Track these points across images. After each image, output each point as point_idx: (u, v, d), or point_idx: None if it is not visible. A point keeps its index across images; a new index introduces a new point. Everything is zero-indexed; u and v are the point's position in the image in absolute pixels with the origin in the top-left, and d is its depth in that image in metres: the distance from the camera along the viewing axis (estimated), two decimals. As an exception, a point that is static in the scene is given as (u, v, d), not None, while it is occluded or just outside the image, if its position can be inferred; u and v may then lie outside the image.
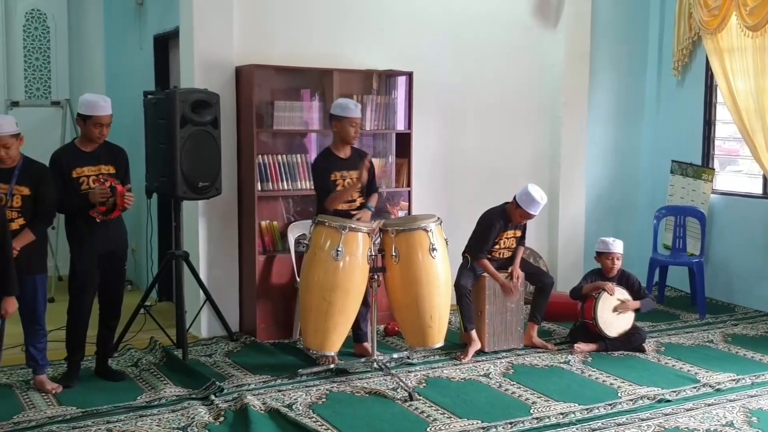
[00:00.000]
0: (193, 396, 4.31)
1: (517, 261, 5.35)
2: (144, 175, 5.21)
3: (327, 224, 4.58)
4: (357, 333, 5.08)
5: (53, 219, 4.49)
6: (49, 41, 7.27)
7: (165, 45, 6.39)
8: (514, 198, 5.22)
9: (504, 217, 5.27)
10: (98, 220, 4.40)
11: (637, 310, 5.30)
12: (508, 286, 5.23)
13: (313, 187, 5.23)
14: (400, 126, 6.02)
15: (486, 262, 5.21)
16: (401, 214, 6.00)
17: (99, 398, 4.28)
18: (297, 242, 5.54)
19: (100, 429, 3.87)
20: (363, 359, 4.89)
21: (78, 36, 7.43)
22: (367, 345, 5.05)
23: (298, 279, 5.32)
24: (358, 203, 5.00)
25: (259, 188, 5.49)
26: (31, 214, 4.23)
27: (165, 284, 6.22)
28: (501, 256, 5.33)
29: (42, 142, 5.73)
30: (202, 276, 5.39)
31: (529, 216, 5.22)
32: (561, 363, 5.05)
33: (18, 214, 4.17)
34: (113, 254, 4.56)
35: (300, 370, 4.72)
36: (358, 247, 4.55)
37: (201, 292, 5.34)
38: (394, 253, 4.62)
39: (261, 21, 5.62)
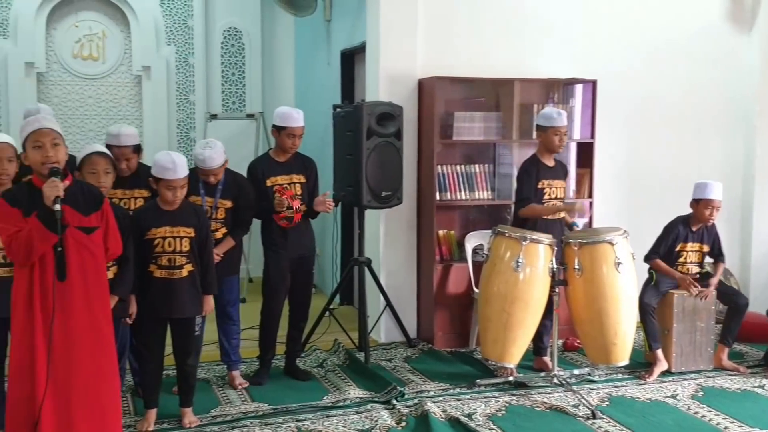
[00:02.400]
0: (376, 399, 4.43)
1: (716, 278, 5.09)
2: (332, 184, 5.43)
3: (507, 234, 4.57)
4: (537, 346, 5.02)
5: (250, 226, 4.78)
6: (244, 57, 7.74)
7: (351, 60, 6.64)
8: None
9: (686, 224, 5.05)
10: (283, 226, 4.63)
11: None
12: (685, 279, 4.99)
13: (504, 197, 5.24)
14: (578, 135, 5.92)
15: (658, 261, 5.02)
16: (580, 225, 5.89)
17: (288, 396, 4.50)
18: (474, 252, 5.57)
19: (289, 426, 4.07)
20: (543, 373, 4.83)
21: (270, 52, 7.87)
22: (547, 359, 4.98)
23: (475, 289, 5.35)
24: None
25: (438, 198, 5.57)
26: (232, 223, 4.53)
27: (346, 289, 6.44)
28: (688, 271, 5.08)
29: (237, 152, 6.12)
30: (382, 282, 5.54)
31: (711, 203, 4.97)
32: (755, 387, 4.75)
33: (221, 225, 4.47)
34: (303, 259, 4.79)
35: (479, 380, 4.73)
36: (539, 259, 4.51)
37: (381, 297, 5.50)
38: (577, 267, 4.53)
39: (444, 34, 5.70)
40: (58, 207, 3.08)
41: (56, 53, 7.25)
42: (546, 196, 4.89)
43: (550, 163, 4.97)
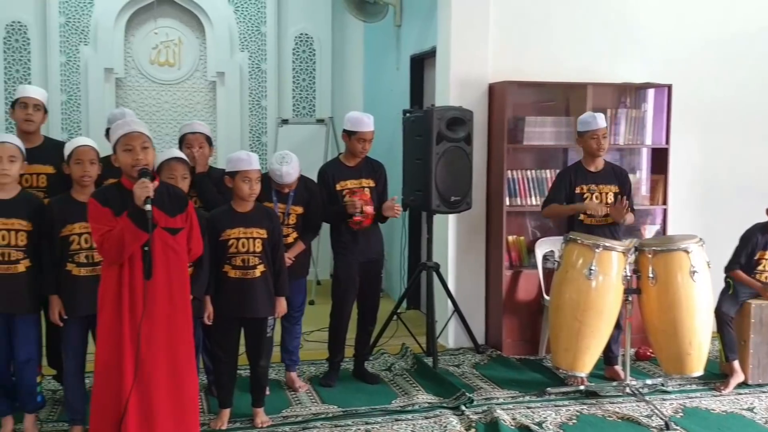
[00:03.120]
0: (444, 405, 4.42)
1: None
2: (401, 189, 5.45)
3: (580, 242, 4.51)
4: (608, 355, 4.94)
5: (319, 230, 4.83)
6: (314, 63, 7.84)
7: (420, 65, 6.66)
8: None
9: (764, 232, 4.90)
10: (355, 229, 4.67)
11: None
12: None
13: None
14: (649, 140, 5.80)
15: (739, 272, 4.88)
16: (651, 232, 5.78)
17: (357, 399, 4.54)
18: (545, 258, 5.51)
19: (359, 429, 4.10)
20: (614, 383, 4.75)
21: (340, 58, 7.95)
22: (618, 368, 4.90)
23: (545, 296, 5.30)
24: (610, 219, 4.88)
25: (508, 203, 5.53)
26: (302, 227, 4.59)
27: (413, 293, 6.45)
28: (767, 280, 4.94)
29: (307, 157, 6.14)
30: (450, 287, 5.53)
31: None
32: (838, 403, 4.59)
33: (293, 229, 4.53)
34: (372, 263, 4.82)
35: (549, 388, 4.68)
36: (612, 267, 4.44)
37: (449, 303, 5.49)
38: (650, 275, 4.44)
39: (515, 38, 5.67)
40: (148, 207, 3.20)
41: (134, 59, 7.48)
42: (587, 200, 4.82)
43: (594, 167, 4.90)
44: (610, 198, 4.88)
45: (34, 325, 3.80)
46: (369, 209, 4.60)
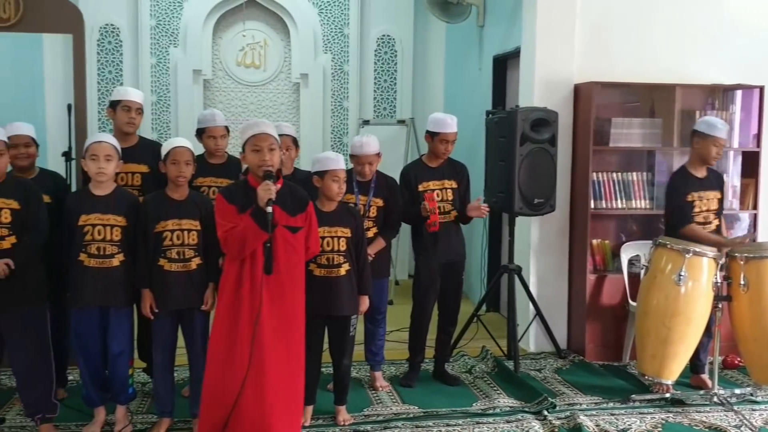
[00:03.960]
0: (526, 409, 4.38)
1: None
2: (482, 190, 5.42)
3: (669, 246, 4.41)
4: (695, 363, 4.80)
5: (399, 229, 4.84)
6: (396, 64, 7.87)
7: (503, 65, 6.61)
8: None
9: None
10: (429, 231, 4.66)
11: None
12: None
13: (663, 206, 5.08)
14: (736, 143, 5.63)
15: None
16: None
17: (438, 400, 4.53)
18: (630, 263, 5.40)
19: (440, 430, 4.10)
20: (701, 391, 4.63)
21: (422, 59, 7.95)
22: (705, 377, 4.77)
23: (631, 301, 5.19)
24: (713, 226, 4.77)
25: (593, 206, 5.44)
26: (382, 224, 4.61)
27: (493, 295, 6.41)
28: None
29: (388, 158, 6.14)
30: (532, 291, 5.47)
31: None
32: None
33: (373, 223, 4.56)
34: (454, 264, 4.81)
35: (633, 395, 4.59)
36: (702, 273, 4.33)
37: (531, 306, 5.44)
38: (742, 282, 4.32)
39: (601, 38, 5.57)
40: (269, 209, 3.36)
41: (221, 61, 7.65)
42: (696, 209, 4.68)
43: (701, 174, 4.76)
44: (713, 205, 4.77)
45: (128, 319, 3.93)
46: (434, 218, 4.58)
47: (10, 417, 4.15)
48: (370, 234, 4.52)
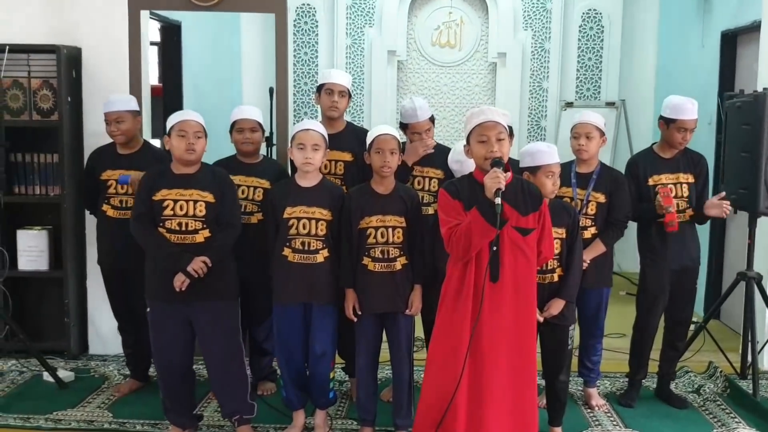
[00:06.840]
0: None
1: None
2: (714, 185, 4.75)
3: None
4: None
5: (624, 229, 4.27)
6: (602, 41, 7.23)
7: (733, 41, 5.83)
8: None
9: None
10: (667, 231, 4.07)
11: None
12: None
13: None
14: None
15: None
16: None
17: (665, 426, 3.99)
18: None
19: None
20: None
21: (631, 35, 7.27)
22: None
23: None
24: None
25: None
26: (604, 224, 4.08)
27: (712, 301, 5.69)
28: None
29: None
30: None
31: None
32: None
33: (591, 222, 4.04)
34: (686, 270, 4.20)
35: None
36: None
37: (768, 320, 4.72)
38: None
39: None
40: (498, 200, 2.95)
41: (416, 41, 7.33)
42: None
43: None
44: None
45: (331, 317, 3.67)
46: (671, 217, 3.99)
47: (207, 414, 4.03)
48: (587, 234, 4.01)
